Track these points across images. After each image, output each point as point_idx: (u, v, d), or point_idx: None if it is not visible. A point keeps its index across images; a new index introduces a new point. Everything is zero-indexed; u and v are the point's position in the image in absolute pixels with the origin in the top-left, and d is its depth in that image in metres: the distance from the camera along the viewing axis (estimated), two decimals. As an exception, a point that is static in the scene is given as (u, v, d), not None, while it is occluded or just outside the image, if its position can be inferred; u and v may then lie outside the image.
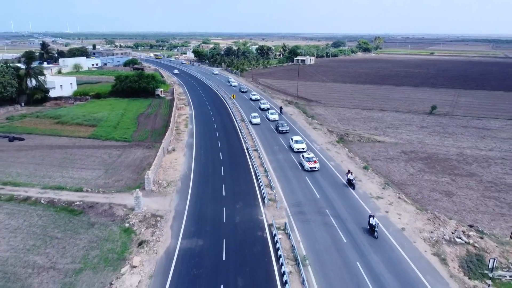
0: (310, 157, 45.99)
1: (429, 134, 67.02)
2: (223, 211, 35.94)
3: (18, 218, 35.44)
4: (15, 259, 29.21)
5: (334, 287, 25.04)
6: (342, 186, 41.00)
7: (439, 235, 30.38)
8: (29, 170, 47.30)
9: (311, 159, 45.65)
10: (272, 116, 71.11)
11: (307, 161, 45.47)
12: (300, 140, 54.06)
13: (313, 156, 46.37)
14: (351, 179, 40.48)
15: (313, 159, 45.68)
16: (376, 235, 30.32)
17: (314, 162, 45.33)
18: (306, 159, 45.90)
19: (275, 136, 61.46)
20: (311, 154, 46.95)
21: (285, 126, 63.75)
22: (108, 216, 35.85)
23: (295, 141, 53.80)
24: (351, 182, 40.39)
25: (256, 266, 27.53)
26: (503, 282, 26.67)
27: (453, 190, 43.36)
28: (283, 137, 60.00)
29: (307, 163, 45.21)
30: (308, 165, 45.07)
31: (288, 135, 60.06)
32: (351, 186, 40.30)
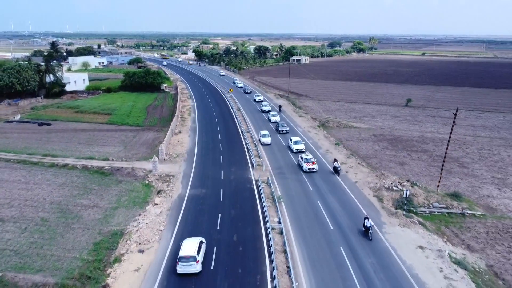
0: (308, 158, 46.29)
1: (399, 122, 77.51)
2: (221, 172, 46.33)
3: (62, 177, 45.72)
4: (66, 201, 39.48)
5: (299, 214, 35.41)
6: (314, 155, 51.35)
7: (381, 185, 40.84)
8: (61, 147, 57.54)
9: (309, 160, 45.99)
10: (274, 117, 71.87)
11: (305, 162, 45.73)
12: (299, 141, 54.85)
13: (311, 157, 46.60)
14: (337, 166, 44.80)
15: (311, 160, 46.00)
16: (370, 237, 30.82)
17: (312, 163, 45.54)
18: (304, 160, 46.17)
19: (275, 136, 62.06)
20: (309, 155, 47.17)
21: (285, 126, 64.82)
22: (131, 176, 46.17)
23: (294, 141, 54.70)
24: (336, 170, 44.57)
25: (244, 203, 37.93)
26: (423, 216, 36.97)
27: (407, 161, 53.77)
28: (282, 137, 61.36)
29: (305, 164, 45.49)
30: (306, 166, 45.36)
31: (288, 135, 61.60)
32: (336, 173, 44.50)
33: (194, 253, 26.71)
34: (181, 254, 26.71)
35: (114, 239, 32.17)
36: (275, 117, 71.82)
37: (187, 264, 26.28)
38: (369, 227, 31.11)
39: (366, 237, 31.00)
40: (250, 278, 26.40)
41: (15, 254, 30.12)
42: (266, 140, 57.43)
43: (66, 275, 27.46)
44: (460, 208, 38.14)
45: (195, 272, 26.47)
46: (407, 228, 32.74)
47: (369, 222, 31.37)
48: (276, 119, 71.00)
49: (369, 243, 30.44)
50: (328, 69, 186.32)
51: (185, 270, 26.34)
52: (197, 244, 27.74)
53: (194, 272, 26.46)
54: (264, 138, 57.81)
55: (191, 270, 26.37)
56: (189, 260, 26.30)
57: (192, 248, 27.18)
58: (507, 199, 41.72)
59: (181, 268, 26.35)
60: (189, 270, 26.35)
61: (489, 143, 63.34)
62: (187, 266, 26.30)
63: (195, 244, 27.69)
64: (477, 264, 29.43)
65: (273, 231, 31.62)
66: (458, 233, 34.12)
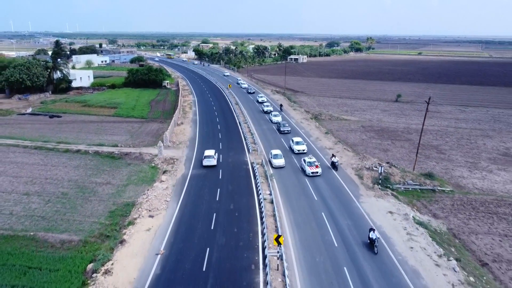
0: (311, 162, 44.27)
1: (388, 115, 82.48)
2: (220, 156, 51.21)
3: (76, 161, 50.63)
4: (82, 179, 44.37)
5: (288, 189, 40.36)
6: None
7: (362, 165, 45.81)
8: (73, 135, 62.45)
9: (312, 164, 43.96)
10: (275, 118, 69.61)
11: (308, 166, 43.72)
12: (301, 142, 52.81)
13: (315, 161, 44.57)
14: (335, 161, 45.42)
15: (315, 164, 43.97)
16: (376, 250, 28.26)
17: (316, 167, 43.47)
18: (307, 163, 44.12)
19: (276, 136, 61.04)
20: (312, 159, 45.17)
21: (287, 126, 63.19)
22: (139, 160, 51.09)
23: (295, 142, 52.71)
24: (334, 165, 45.26)
25: (241, 180, 42.89)
26: (398, 191, 41.86)
27: (390, 148, 58.71)
28: (284, 138, 59.85)
29: (309, 168, 43.46)
30: (309, 170, 43.30)
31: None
32: (334, 168, 45.21)
33: (213, 154, 47.54)
34: (206, 154, 47.14)
35: (127, 208, 37.09)
36: (277, 117, 69.84)
37: (209, 159, 46.32)
38: (375, 239, 28.39)
39: (371, 251, 28.51)
40: (244, 235, 31.33)
41: (42, 219, 35.03)
42: (279, 162, 46.10)
43: (88, 235, 32.38)
44: (432, 185, 43.09)
45: (213, 164, 46.56)
46: (381, 199, 37.73)
47: (375, 234, 28.66)
48: (278, 119, 68.89)
49: (348, 211, 35.31)
50: (324, 67, 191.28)
51: (208, 163, 46.31)
52: (214, 152, 48.54)
53: (213, 164, 46.53)
54: (277, 160, 46.33)
55: (211, 163, 46.37)
56: (211, 157, 46.53)
57: (212, 152, 47.84)
58: (476, 179, 46.67)
59: (206, 162, 46.42)
60: (210, 163, 46.35)
61: (468, 133, 68.29)
62: (209, 161, 46.29)
63: (213, 151, 48.45)
64: (439, 227, 34.36)
65: (265, 201, 36.51)
66: (427, 205, 39.07)
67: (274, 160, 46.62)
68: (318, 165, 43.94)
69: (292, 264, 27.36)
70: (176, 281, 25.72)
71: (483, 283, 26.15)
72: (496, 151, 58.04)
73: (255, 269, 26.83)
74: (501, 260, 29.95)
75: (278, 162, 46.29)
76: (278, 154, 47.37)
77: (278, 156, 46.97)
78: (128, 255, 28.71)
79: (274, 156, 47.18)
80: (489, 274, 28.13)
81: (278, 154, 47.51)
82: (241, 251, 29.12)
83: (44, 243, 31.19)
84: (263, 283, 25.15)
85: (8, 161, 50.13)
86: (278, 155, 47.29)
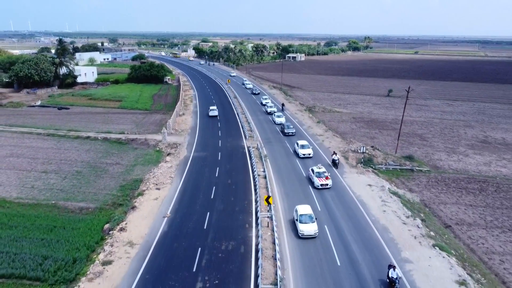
0: (321, 172, 39.00)
1: (378, 108, 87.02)
2: (219, 142, 55.77)
3: (87, 145, 55.09)
4: (94, 161, 48.82)
5: (280, 168, 44.86)
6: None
7: (348, 148, 50.40)
8: (82, 125, 66.87)
9: (322, 175, 38.72)
10: (279, 119, 66.49)
11: (317, 177, 38.47)
12: (307, 145, 48.88)
13: (324, 171, 39.11)
14: (335, 159, 44.23)
15: (325, 175, 38.66)
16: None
17: (326, 179, 38.36)
18: (316, 174, 38.83)
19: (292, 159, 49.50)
20: (322, 168, 39.64)
21: (291, 128, 59.43)
22: (145, 145, 55.57)
23: (300, 145, 48.81)
24: (335, 163, 44.06)
25: (237, 161, 47.40)
26: (380, 170, 46.34)
27: (377, 136, 63.22)
28: (302, 163, 47.88)
29: (318, 179, 38.21)
30: (318, 181, 38.05)
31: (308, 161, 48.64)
32: (335, 166, 44.06)
33: (215, 108, 73.94)
34: (211, 108, 74.22)
35: (136, 183, 41.56)
36: (280, 118, 66.62)
37: (213, 111, 72.40)
38: (396, 279, 23.13)
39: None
40: (240, 203, 35.83)
41: (61, 191, 39.50)
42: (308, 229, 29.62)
43: (103, 203, 36.85)
44: (411, 166, 47.62)
45: (216, 114, 72.23)
46: (362, 175, 42.26)
47: (396, 273, 23.37)
48: (281, 120, 65.84)
49: (332, 184, 39.74)
50: (321, 65, 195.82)
51: (212, 114, 71.97)
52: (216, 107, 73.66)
53: (216, 114, 72.23)
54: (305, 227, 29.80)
55: (215, 113, 72.25)
56: (214, 110, 72.91)
57: (215, 107, 74.47)
58: (452, 161, 51.18)
59: (211, 113, 72.29)
60: (214, 114, 72.13)
61: (452, 124, 72.84)
62: (213, 112, 72.32)
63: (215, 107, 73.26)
64: (412, 199, 38.86)
65: (258, 177, 40.99)
66: (404, 181, 43.58)
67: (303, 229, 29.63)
68: (328, 176, 38.65)
69: (280, 223, 31.87)
70: (181, 235, 30.19)
71: (444, 239, 30.65)
72: (475, 139, 62.60)
73: (248, 227, 31.32)
74: (463, 223, 34.46)
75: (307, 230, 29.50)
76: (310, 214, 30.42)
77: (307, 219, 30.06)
78: (139, 217, 33.18)
79: (301, 218, 30.24)
80: (450, 234, 32.64)
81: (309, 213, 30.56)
82: (237, 214, 33.62)
83: (64, 210, 35.66)
84: (255, 236, 29.63)
85: (24, 145, 54.60)
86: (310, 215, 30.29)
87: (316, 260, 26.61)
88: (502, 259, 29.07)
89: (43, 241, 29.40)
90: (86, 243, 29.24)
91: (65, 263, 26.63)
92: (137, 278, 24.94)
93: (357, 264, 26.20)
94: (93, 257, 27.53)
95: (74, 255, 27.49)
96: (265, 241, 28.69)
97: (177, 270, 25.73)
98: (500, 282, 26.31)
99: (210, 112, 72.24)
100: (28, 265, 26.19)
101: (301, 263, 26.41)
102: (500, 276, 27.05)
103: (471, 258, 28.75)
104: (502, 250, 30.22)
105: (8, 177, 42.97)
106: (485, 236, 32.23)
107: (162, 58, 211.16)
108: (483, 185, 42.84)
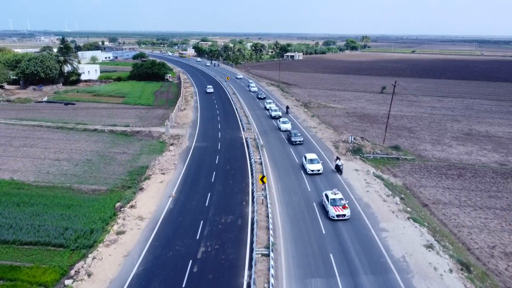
0: (337, 199, 32.24)
1: (371, 104, 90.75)
2: (219, 133, 59.47)
3: (94, 137, 58.72)
4: (102, 150, 52.45)
5: (275, 155, 48.56)
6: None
7: (339, 139, 54.17)
8: (88, 118, 70.45)
9: (338, 202, 31.96)
10: (284, 125, 60.50)
11: (332, 205, 31.78)
12: (316, 159, 42.71)
13: (341, 198, 32.48)
14: (339, 165, 42.19)
15: (342, 203, 31.95)
16: None
17: (343, 208, 31.48)
18: (330, 201, 32.08)
19: (286, 148, 51.99)
20: (338, 194, 32.85)
21: (299, 136, 53.57)
22: (149, 136, 59.20)
23: (309, 159, 42.62)
24: (339, 168, 42.03)
25: (236, 150, 51.11)
26: (368, 159, 50.03)
27: (368, 129, 66.92)
28: (295, 151, 50.20)
29: (333, 208, 31.51)
30: (334, 211, 31.35)
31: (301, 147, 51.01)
32: (339, 172, 41.77)
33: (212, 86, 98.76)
34: (208, 86, 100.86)
35: (142, 169, 45.20)
36: (286, 124, 60.69)
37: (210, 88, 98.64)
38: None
39: None
40: (238, 185, 39.52)
41: (74, 176, 43.13)
42: None
43: (113, 186, 40.50)
44: (397, 155, 51.34)
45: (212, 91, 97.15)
46: (350, 162, 46.00)
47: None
48: (287, 127, 60.02)
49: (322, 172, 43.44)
50: (319, 64, 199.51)
51: (209, 90, 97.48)
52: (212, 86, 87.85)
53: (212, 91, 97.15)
54: None
55: (211, 90, 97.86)
56: (211, 88, 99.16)
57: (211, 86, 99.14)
58: (436, 151, 54.89)
59: (208, 90, 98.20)
60: (210, 90, 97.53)
61: (440, 118, 76.61)
62: (210, 89, 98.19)
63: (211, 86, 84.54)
64: (396, 182, 42.57)
65: (255, 163, 44.67)
66: (390, 168, 47.29)
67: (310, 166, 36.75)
68: (346, 205, 31.83)
69: (274, 201, 35.57)
70: (185, 211, 33.87)
71: (420, 214, 34.38)
72: (460, 132, 66.38)
73: (245, 205, 35.01)
74: (439, 203, 38.18)
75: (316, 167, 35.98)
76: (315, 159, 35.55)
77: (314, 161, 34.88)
78: (147, 197, 36.85)
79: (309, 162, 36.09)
80: (427, 211, 36.37)
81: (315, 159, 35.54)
82: (235, 194, 37.31)
83: (78, 191, 39.31)
84: (251, 211, 33.33)
85: (36, 137, 58.23)
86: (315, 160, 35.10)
87: (304, 230, 30.32)
88: (470, 231, 32.80)
89: (62, 215, 33.04)
90: (101, 217, 32.90)
91: (83, 233, 30.27)
92: (148, 244, 28.60)
93: (339, 232, 29.92)
94: (108, 229, 31.18)
95: (91, 227, 31.14)
96: (260, 215, 32.37)
97: (183, 238, 29.40)
98: (466, 249, 30.04)
99: (208, 89, 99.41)
100: (52, 234, 29.84)
101: (291, 232, 30.11)
102: (467, 244, 30.77)
103: (443, 231, 32.48)
104: (471, 224, 33.95)
105: (24, 164, 46.60)
106: (457, 213, 35.95)
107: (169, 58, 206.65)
108: (462, 171, 46.58)
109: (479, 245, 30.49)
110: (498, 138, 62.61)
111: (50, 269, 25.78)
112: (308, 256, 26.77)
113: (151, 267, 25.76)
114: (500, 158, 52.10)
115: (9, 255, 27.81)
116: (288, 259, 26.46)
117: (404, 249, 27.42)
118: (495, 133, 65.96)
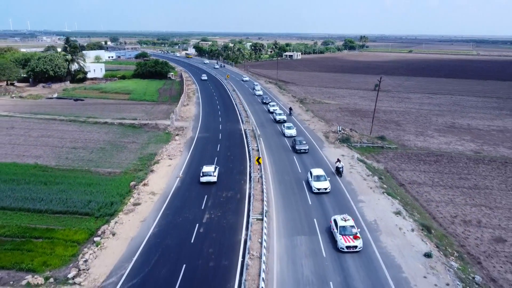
0: (347, 226, 27.95)
1: (364, 100, 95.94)
2: (220, 126, 64.71)
3: (105, 129, 63.90)
4: (113, 140, 57.62)
5: (270, 144, 53.77)
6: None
7: (329, 130, 59.37)
8: (97, 113, 75.62)
9: (348, 231, 27.71)
10: (289, 131, 57.83)
11: (341, 234, 27.58)
12: (323, 176, 38.11)
13: (352, 225, 28.17)
14: (339, 167, 41.91)
15: (353, 232, 27.67)
16: None
17: (354, 238, 27.25)
18: (340, 229, 27.86)
19: (290, 156, 49.20)
20: (348, 220, 28.67)
21: (304, 144, 50.38)
22: (155, 129, 64.39)
23: (315, 176, 38.16)
24: (339, 171, 41.87)
25: (235, 139, 56.35)
26: (355, 148, 55.21)
27: (358, 122, 72.10)
28: (299, 160, 47.33)
29: (342, 238, 27.33)
30: (343, 241, 27.15)
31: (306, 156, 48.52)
32: (339, 175, 41.55)
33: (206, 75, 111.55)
34: (202, 75, 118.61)
35: (152, 156, 50.36)
36: (291, 130, 58.03)
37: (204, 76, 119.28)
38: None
39: None
40: (237, 167, 44.74)
41: (90, 162, 48.29)
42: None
43: (126, 169, 45.66)
44: (382, 144, 56.53)
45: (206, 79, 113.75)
46: (338, 149, 51.28)
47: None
48: (292, 132, 57.46)
49: (312, 155, 48.52)
50: (316, 63, 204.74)
51: (204, 78, 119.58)
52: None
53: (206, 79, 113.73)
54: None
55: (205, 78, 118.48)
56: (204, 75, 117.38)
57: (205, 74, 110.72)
58: (418, 141, 60.06)
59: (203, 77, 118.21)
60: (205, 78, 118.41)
61: (427, 113, 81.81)
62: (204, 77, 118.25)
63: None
64: (378, 167, 47.74)
65: (252, 151, 49.84)
66: (374, 155, 52.46)
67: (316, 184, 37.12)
68: (358, 234, 27.63)
69: (268, 180, 40.76)
70: (191, 188, 39.05)
71: (395, 191, 39.55)
72: (443, 125, 71.59)
73: (243, 183, 40.20)
74: (414, 183, 43.34)
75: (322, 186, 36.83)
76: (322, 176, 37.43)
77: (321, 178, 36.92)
78: (157, 177, 42.04)
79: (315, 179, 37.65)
80: (403, 190, 41.55)
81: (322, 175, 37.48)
82: (235, 175, 42.52)
83: (96, 173, 44.47)
84: (249, 188, 38.50)
85: (52, 128, 63.40)
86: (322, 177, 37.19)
87: (293, 201, 35.57)
88: (437, 205, 37.97)
89: (85, 191, 38.20)
90: (118, 192, 38.07)
91: (105, 204, 35.41)
92: (160, 213, 33.78)
93: (323, 203, 35.14)
94: (125, 201, 36.36)
95: (111, 200, 36.30)
96: (255, 190, 37.55)
97: (190, 208, 34.59)
98: (431, 218, 35.21)
99: (202, 76, 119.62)
100: (78, 205, 34.99)
101: (282, 203, 35.33)
102: (433, 214, 35.95)
103: (413, 204, 37.68)
104: (439, 199, 39.12)
105: (44, 151, 51.77)
106: (429, 191, 41.11)
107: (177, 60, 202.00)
108: (439, 158, 51.77)
109: (443, 215, 35.67)
110: (477, 130, 67.85)
111: (80, 230, 30.93)
112: (295, 220, 31.99)
113: (164, 228, 30.95)
114: (475, 147, 57.32)
115: (43, 221, 32.95)
116: (278, 222, 31.67)
117: (376, 215, 32.63)
118: (475, 126, 71.19)
